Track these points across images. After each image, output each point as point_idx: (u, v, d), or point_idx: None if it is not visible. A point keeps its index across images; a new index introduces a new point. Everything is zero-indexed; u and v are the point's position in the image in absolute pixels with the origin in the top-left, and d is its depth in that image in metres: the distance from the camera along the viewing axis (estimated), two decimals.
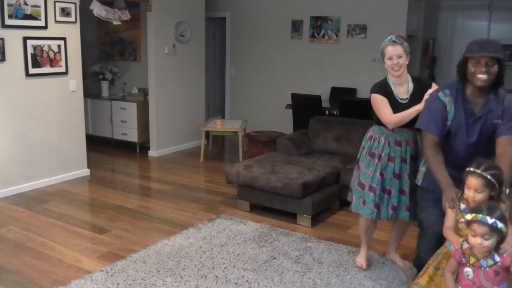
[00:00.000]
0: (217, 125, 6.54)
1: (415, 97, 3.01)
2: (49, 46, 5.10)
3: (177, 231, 4.04)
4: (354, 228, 4.13)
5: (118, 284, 3.13)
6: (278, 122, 7.75)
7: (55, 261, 3.48)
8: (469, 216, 1.97)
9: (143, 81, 7.10)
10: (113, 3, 6.43)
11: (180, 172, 5.97)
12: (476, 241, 1.93)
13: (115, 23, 6.17)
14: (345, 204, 4.50)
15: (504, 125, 2.48)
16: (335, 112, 6.12)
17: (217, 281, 3.18)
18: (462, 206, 2.29)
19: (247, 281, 3.18)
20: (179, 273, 3.27)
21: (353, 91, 7.22)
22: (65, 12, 5.21)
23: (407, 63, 3.08)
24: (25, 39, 4.85)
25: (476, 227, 1.92)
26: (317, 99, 6.16)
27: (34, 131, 5.11)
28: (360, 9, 7.11)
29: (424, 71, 8.22)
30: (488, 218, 1.90)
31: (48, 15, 5.04)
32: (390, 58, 3.04)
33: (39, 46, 5.00)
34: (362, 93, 6.98)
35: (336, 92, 7.33)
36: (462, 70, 2.52)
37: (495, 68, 2.43)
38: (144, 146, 7.00)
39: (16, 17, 4.75)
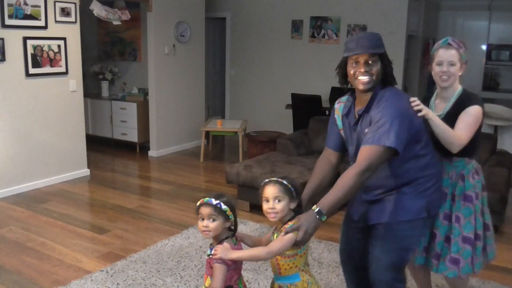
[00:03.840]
0: (217, 125, 6.54)
1: (451, 117, 2.39)
2: (49, 46, 5.10)
3: (177, 231, 4.04)
4: None
5: (118, 284, 3.13)
6: (278, 122, 7.75)
7: (55, 261, 3.48)
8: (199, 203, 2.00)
9: (143, 81, 7.09)
10: (113, 3, 6.43)
11: (180, 172, 5.97)
12: (203, 223, 1.98)
13: (115, 23, 6.17)
14: (345, 204, 4.49)
15: (366, 135, 2.06)
16: None
17: None
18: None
19: (247, 281, 3.18)
20: (179, 273, 3.28)
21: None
22: (65, 12, 5.21)
23: (460, 74, 2.45)
24: (25, 39, 4.85)
25: (202, 209, 1.98)
26: (317, 99, 6.16)
27: (34, 131, 5.11)
28: (360, 9, 7.11)
29: (424, 71, 8.23)
30: (213, 200, 1.97)
31: (48, 15, 5.04)
32: (439, 64, 2.43)
33: (39, 46, 5.00)
34: None
35: (336, 92, 7.31)
36: (342, 72, 2.18)
37: (377, 66, 2.08)
38: (144, 146, 7.00)
39: (16, 17, 4.75)
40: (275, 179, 2.04)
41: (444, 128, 2.28)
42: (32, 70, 4.97)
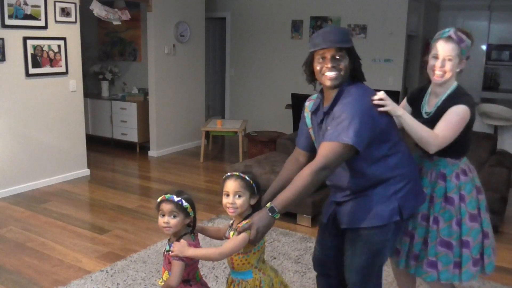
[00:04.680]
0: (217, 125, 6.54)
1: (440, 114, 2.21)
2: (49, 46, 5.10)
3: None
4: None
5: (118, 284, 3.13)
6: (278, 122, 7.75)
7: (55, 261, 3.48)
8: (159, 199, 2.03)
9: (143, 81, 7.09)
10: (113, 3, 6.43)
11: (180, 172, 5.97)
12: (163, 220, 2.00)
13: (115, 23, 6.17)
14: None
15: (327, 131, 1.98)
16: None
17: (217, 281, 3.18)
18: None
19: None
20: None
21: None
22: (65, 12, 5.21)
23: (458, 70, 2.24)
24: (25, 39, 4.85)
25: (163, 205, 2.00)
26: None
27: (34, 131, 5.11)
28: (360, 9, 7.11)
29: (424, 71, 8.21)
30: (174, 196, 2.00)
31: (48, 15, 5.04)
32: (435, 57, 2.24)
33: (39, 46, 5.00)
34: None
35: None
36: (309, 69, 2.08)
37: (345, 62, 1.98)
38: (144, 146, 7.00)
39: (16, 17, 4.75)
40: (237, 173, 2.03)
41: (416, 126, 2.11)
42: (32, 70, 4.97)
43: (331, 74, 1.98)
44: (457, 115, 2.14)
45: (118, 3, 6.48)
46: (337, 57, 1.97)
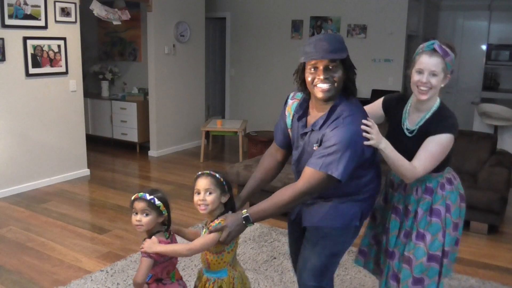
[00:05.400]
0: (217, 125, 6.54)
1: (423, 135, 2.09)
2: (49, 46, 5.10)
3: None
4: None
5: (118, 284, 3.13)
6: None
7: (55, 261, 3.48)
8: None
9: (143, 81, 7.09)
10: (113, 3, 6.43)
11: (180, 172, 5.97)
12: (136, 218, 2.03)
13: (115, 23, 6.17)
14: None
15: (314, 155, 1.90)
16: None
17: None
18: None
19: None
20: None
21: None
22: (65, 12, 5.21)
23: (442, 85, 2.09)
24: (25, 39, 4.85)
25: (136, 203, 2.03)
26: None
27: (34, 131, 5.11)
28: (360, 9, 7.11)
29: None
30: (147, 195, 2.03)
31: (48, 15, 5.04)
32: (420, 72, 2.07)
33: (39, 46, 5.00)
34: (362, 93, 6.98)
35: None
36: (301, 79, 1.98)
37: (339, 73, 1.87)
38: (144, 146, 7.00)
39: (16, 17, 4.75)
40: (207, 172, 2.07)
41: (397, 159, 2.02)
42: (32, 70, 4.97)
43: (323, 86, 1.87)
44: (440, 145, 2.04)
45: (118, 3, 6.48)
46: (331, 67, 1.86)
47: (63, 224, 4.20)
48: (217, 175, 2.04)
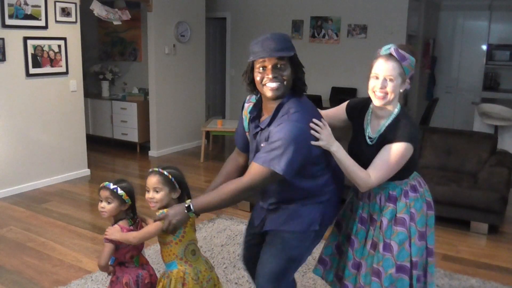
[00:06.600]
0: (218, 125, 6.54)
1: (382, 142, 2.04)
2: (49, 46, 5.10)
3: None
4: None
5: None
6: None
7: (55, 261, 3.48)
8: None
9: (144, 81, 7.10)
10: (113, 3, 6.43)
11: None
12: (100, 205, 2.18)
13: (115, 23, 6.17)
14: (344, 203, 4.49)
15: (260, 151, 1.91)
16: None
17: None
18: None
19: (247, 281, 3.18)
20: None
21: (353, 91, 7.22)
22: (65, 12, 5.21)
23: (401, 91, 2.02)
24: (25, 39, 4.85)
25: (101, 192, 2.18)
26: (317, 99, 6.16)
27: (34, 131, 5.11)
28: (360, 9, 7.11)
29: (424, 71, 8.23)
30: (111, 184, 2.18)
31: (49, 15, 5.04)
32: (376, 77, 2.00)
33: (40, 46, 5.00)
34: (363, 93, 6.98)
35: (336, 92, 7.33)
36: (250, 79, 1.99)
37: (288, 71, 1.88)
38: (144, 146, 7.00)
39: (17, 17, 4.75)
40: (156, 169, 2.14)
41: (350, 165, 2.00)
42: (32, 70, 4.97)
43: (272, 85, 1.88)
44: (395, 155, 1.98)
45: (118, 3, 6.48)
46: (279, 66, 1.87)
47: (64, 224, 4.21)
48: (165, 173, 2.11)
